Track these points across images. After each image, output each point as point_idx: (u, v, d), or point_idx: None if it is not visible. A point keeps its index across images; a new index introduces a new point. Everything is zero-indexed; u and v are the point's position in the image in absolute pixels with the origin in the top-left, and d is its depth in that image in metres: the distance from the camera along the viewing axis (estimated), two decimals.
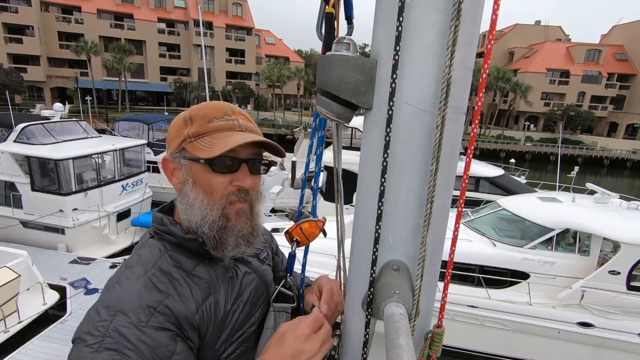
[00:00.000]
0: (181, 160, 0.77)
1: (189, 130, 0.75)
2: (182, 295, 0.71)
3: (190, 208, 0.75)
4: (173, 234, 0.78)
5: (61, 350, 5.43)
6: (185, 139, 0.75)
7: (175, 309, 0.69)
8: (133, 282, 0.69)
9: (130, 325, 0.63)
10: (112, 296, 0.68)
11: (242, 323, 0.82)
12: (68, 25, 35.67)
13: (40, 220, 8.84)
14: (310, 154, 1.03)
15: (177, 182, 0.79)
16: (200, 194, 0.75)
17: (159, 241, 0.79)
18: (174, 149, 0.77)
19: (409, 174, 0.60)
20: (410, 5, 0.54)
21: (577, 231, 5.78)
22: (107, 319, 0.63)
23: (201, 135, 0.75)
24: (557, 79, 39.39)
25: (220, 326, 0.77)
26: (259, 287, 0.90)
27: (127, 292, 0.68)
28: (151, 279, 0.70)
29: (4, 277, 5.68)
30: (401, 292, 0.59)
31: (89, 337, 0.62)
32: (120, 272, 0.73)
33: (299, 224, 1.00)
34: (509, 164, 16.66)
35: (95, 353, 0.60)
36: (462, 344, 5.81)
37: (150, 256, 0.75)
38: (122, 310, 0.64)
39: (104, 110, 30.74)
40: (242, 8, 41.36)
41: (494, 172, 10.80)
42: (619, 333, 5.26)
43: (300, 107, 41.76)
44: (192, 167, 0.76)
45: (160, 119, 15.61)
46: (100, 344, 0.61)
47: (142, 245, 0.79)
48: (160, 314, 0.67)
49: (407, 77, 0.57)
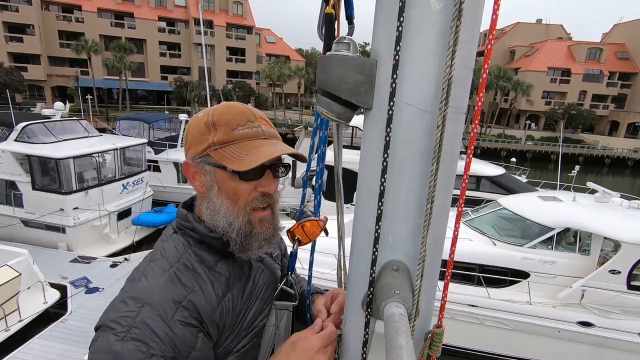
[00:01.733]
0: (205, 166, 0.77)
1: (214, 138, 0.75)
2: (204, 290, 0.74)
3: (216, 214, 0.77)
4: (197, 232, 0.79)
5: (62, 349, 5.45)
6: (210, 146, 0.75)
7: (199, 304, 0.71)
8: (159, 276, 0.71)
9: (157, 318, 0.65)
10: (139, 288, 0.69)
11: (253, 318, 0.85)
12: (68, 24, 35.67)
13: (41, 219, 8.86)
14: (311, 153, 1.03)
15: (199, 186, 0.80)
16: (225, 200, 0.77)
17: (183, 237, 0.80)
18: (197, 154, 0.77)
19: (409, 174, 0.60)
20: (410, 5, 0.54)
21: (577, 230, 5.78)
22: (134, 310, 0.65)
23: (227, 143, 0.75)
24: (558, 77, 39.32)
25: (235, 320, 0.79)
26: (270, 283, 0.93)
27: (153, 285, 0.69)
28: (176, 273, 0.72)
29: (5, 276, 5.70)
30: (401, 292, 0.59)
31: (116, 326, 0.63)
32: (144, 264, 0.75)
33: (301, 223, 1.00)
34: (510, 163, 16.64)
35: (121, 342, 0.61)
36: (462, 343, 5.82)
37: (175, 251, 0.77)
38: (149, 303, 0.66)
39: (105, 109, 30.74)
40: (243, 7, 41.30)
41: (494, 171, 10.79)
42: (619, 332, 5.26)
43: (301, 106, 41.73)
44: (216, 173, 0.77)
45: (161, 118, 15.62)
46: (127, 334, 0.62)
47: (166, 239, 0.81)
48: (185, 308, 0.69)
49: (408, 77, 0.57)
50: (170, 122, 15.52)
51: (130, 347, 0.61)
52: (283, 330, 1.02)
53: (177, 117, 15.32)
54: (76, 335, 5.72)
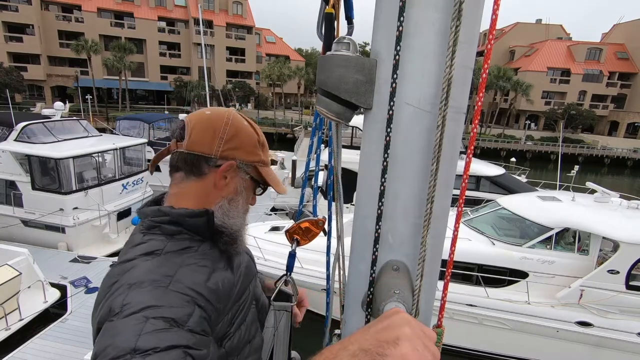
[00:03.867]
0: (243, 174, 0.85)
1: (264, 157, 0.88)
2: (195, 265, 0.73)
3: (237, 215, 0.85)
4: (176, 215, 0.77)
5: (62, 349, 5.45)
6: (260, 162, 0.87)
7: (191, 277, 0.69)
8: (143, 265, 0.69)
9: (149, 288, 0.63)
10: (123, 280, 0.66)
11: (241, 292, 0.85)
12: (68, 23, 35.61)
13: (41, 219, 8.85)
14: (310, 153, 1.03)
15: (224, 184, 0.83)
16: (245, 206, 0.88)
17: (156, 234, 0.77)
18: (246, 161, 0.84)
19: (409, 174, 0.60)
20: (410, 5, 0.54)
21: (577, 230, 5.78)
22: (122, 293, 0.63)
23: (266, 164, 0.89)
24: (558, 77, 39.30)
25: (228, 296, 0.78)
26: (248, 261, 0.96)
27: (140, 271, 0.67)
28: (163, 258, 0.71)
29: (5, 275, 5.70)
30: (401, 292, 0.59)
31: (109, 314, 0.60)
32: (118, 268, 0.71)
33: (299, 223, 1.00)
34: (510, 163, 16.65)
35: (116, 321, 0.59)
36: (461, 342, 5.82)
37: (156, 243, 0.74)
38: (138, 282, 0.64)
39: (104, 109, 30.71)
40: (243, 7, 41.27)
41: (494, 171, 10.79)
42: (618, 332, 5.26)
43: (301, 106, 41.72)
44: (247, 184, 0.87)
45: (161, 118, 15.61)
46: (121, 313, 0.59)
47: (141, 241, 0.76)
48: (177, 281, 0.67)
49: (408, 77, 0.57)
50: (170, 122, 15.53)
51: (126, 321, 0.58)
52: (282, 331, 1.02)
53: (177, 117, 15.33)
54: (76, 335, 5.71)
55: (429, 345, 0.47)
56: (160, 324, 0.58)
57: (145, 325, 0.57)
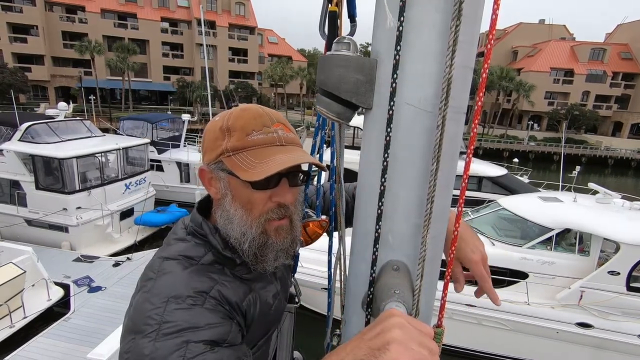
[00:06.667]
0: (219, 173, 0.74)
1: (227, 144, 0.72)
2: (229, 282, 0.71)
3: (230, 223, 0.74)
4: (212, 246, 0.76)
5: (65, 348, 5.48)
6: (223, 152, 0.72)
7: (226, 294, 0.69)
8: (180, 271, 0.68)
9: (186, 307, 0.62)
10: (160, 285, 0.66)
11: (276, 317, 0.84)
12: (72, 24, 35.77)
13: (44, 218, 8.90)
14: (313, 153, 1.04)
15: (215, 192, 0.77)
16: (239, 209, 0.73)
17: (196, 238, 0.76)
18: (211, 160, 0.74)
19: (409, 174, 0.60)
20: (410, 5, 0.54)
21: (578, 231, 5.75)
22: (159, 307, 0.62)
23: (240, 150, 0.71)
24: (561, 78, 39.13)
25: (263, 317, 0.78)
26: (284, 280, 0.93)
27: (176, 280, 0.66)
28: (199, 269, 0.70)
29: (10, 274, 5.74)
30: (401, 292, 0.59)
31: (145, 327, 0.60)
32: (159, 262, 0.71)
33: (303, 223, 1.00)
34: (512, 164, 16.58)
35: (154, 342, 0.58)
36: (460, 342, 5.80)
37: (194, 251, 0.73)
38: (175, 296, 0.63)
39: (108, 110, 30.83)
40: (245, 7, 41.34)
41: (496, 172, 10.76)
42: (618, 334, 5.23)
43: (303, 106, 41.73)
44: (230, 181, 0.73)
45: (164, 118, 15.69)
46: (158, 332, 0.59)
47: (182, 239, 0.76)
48: (212, 297, 0.66)
49: (408, 77, 0.57)
50: (173, 122, 15.60)
51: (165, 344, 0.58)
52: (285, 332, 1.02)
53: (179, 117, 15.40)
54: (79, 334, 5.74)
55: (425, 342, 0.47)
56: (200, 348, 0.59)
57: (187, 351, 0.58)
